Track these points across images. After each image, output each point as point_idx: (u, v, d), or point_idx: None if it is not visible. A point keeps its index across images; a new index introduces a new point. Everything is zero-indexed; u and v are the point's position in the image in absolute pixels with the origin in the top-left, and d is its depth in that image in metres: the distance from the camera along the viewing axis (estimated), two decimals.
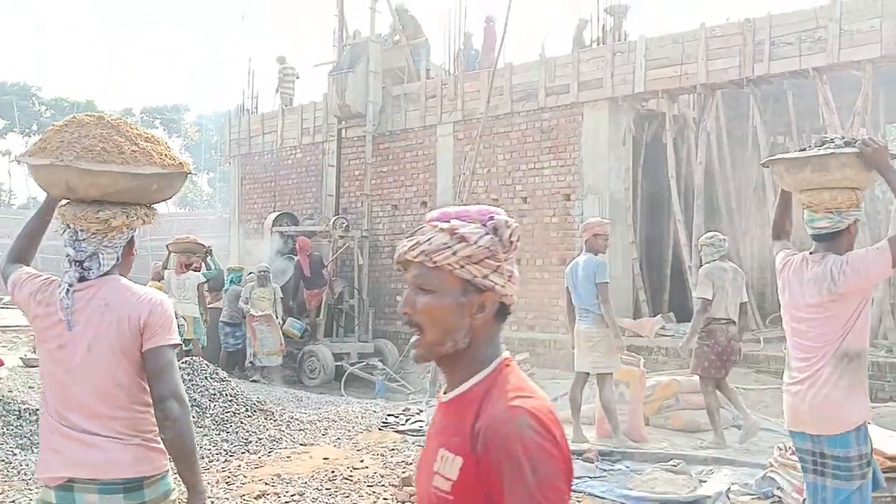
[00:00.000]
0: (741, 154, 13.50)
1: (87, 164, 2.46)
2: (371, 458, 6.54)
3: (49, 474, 2.48)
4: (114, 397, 2.49)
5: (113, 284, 2.55)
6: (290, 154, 16.77)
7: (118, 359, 2.48)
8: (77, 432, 2.46)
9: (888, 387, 9.05)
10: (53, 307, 2.51)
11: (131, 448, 2.49)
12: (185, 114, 54.51)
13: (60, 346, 2.51)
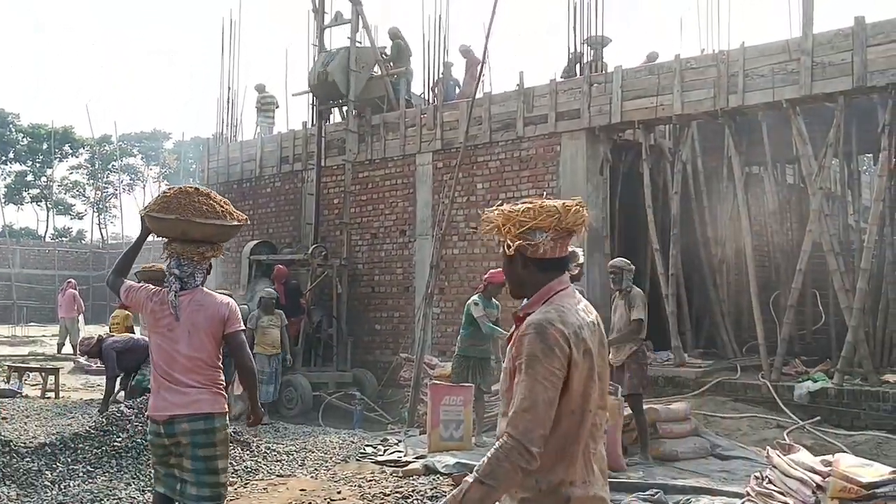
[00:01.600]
0: (717, 184, 13.65)
1: (201, 220, 4.11)
2: (349, 490, 6.49)
3: (158, 413, 4.07)
4: (201, 363, 4.10)
5: (202, 292, 4.23)
6: (269, 182, 16.75)
7: (207, 339, 4.13)
8: (177, 385, 4.06)
9: (863, 415, 9.11)
10: (165, 305, 4.13)
11: (210, 394, 4.11)
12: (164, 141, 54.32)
13: (170, 330, 4.11)
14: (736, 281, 13.97)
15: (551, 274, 2.63)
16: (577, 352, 2.47)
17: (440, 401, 8.17)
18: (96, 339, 10.38)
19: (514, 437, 2.39)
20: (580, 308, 2.61)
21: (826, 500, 4.50)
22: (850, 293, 9.89)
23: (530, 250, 2.57)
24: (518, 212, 2.58)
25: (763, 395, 9.88)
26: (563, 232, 2.61)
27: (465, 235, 13.23)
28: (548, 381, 2.40)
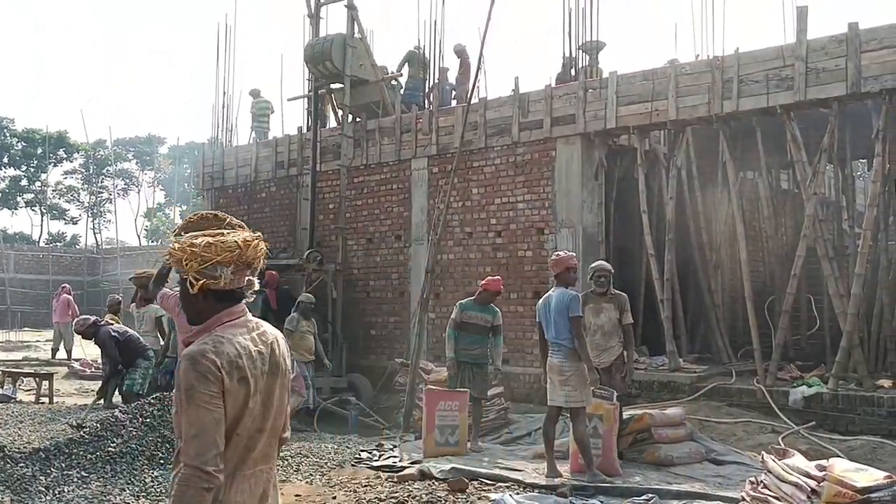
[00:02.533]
0: (711, 189, 13.68)
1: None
2: (344, 495, 6.48)
3: None
4: None
5: None
6: (265, 187, 16.75)
7: None
8: None
9: (858, 420, 9.12)
10: None
11: None
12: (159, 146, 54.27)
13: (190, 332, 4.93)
14: (731, 286, 13.99)
15: (226, 304, 2.73)
16: (231, 380, 2.58)
17: (435, 406, 8.16)
18: (92, 320, 10.27)
19: (188, 465, 2.51)
20: (247, 337, 2.70)
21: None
22: (844, 298, 9.91)
23: (212, 284, 2.67)
24: (200, 247, 2.67)
25: (758, 399, 9.89)
26: (243, 265, 2.72)
27: (460, 240, 13.24)
28: (209, 405, 2.53)
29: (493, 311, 9.04)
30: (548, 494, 6.38)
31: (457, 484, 6.59)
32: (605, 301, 8.03)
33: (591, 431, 7.19)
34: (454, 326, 8.91)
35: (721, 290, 13.29)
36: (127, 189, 54.72)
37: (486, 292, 8.95)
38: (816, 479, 4.64)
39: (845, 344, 9.69)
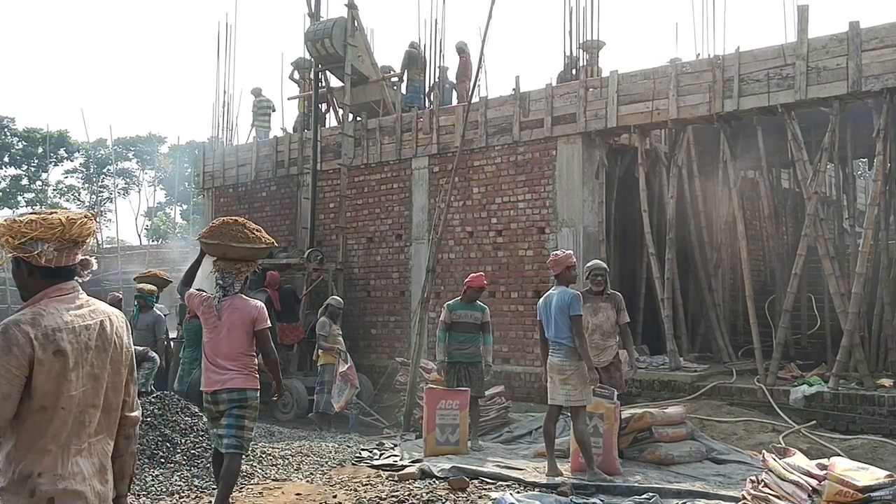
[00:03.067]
0: (712, 189, 13.68)
1: (236, 244, 5.62)
2: (344, 494, 6.47)
3: (207, 388, 5.64)
4: (238, 352, 5.61)
5: (240, 297, 5.74)
6: (265, 186, 16.74)
7: (241, 334, 5.62)
8: (219, 367, 5.59)
9: (859, 419, 9.12)
10: (211, 308, 5.69)
11: (243, 375, 5.61)
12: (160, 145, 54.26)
13: (215, 327, 5.65)
14: (731, 285, 14.00)
15: (55, 280, 2.78)
16: (45, 351, 2.61)
17: (436, 405, 8.16)
18: None
19: None
20: (74, 312, 2.75)
21: (822, 503, 4.51)
22: (845, 297, 9.91)
23: (34, 259, 2.71)
24: (21, 223, 2.72)
25: (759, 399, 9.89)
26: (69, 242, 2.76)
27: (461, 240, 13.24)
28: (2, 378, 2.55)
29: (481, 308, 9.02)
30: (548, 493, 6.37)
31: (457, 483, 6.59)
32: (601, 300, 8.03)
33: (592, 430, 7.19)
34: (444, 328, 8.92)
35: (722, 289, 13.29)
36: (127, 188, 54.73)
37: (471, 289, 8.95)
38: (817, 478, 4.64)
39: (846, 343, 9.69)
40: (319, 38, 14.43)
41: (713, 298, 12.92)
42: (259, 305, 5.75)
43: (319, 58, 14.76)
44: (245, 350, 5.64)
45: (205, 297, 5.81)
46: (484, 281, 9.18)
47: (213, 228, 5.76)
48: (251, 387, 5.64)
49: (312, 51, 14.79)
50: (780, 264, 13.59)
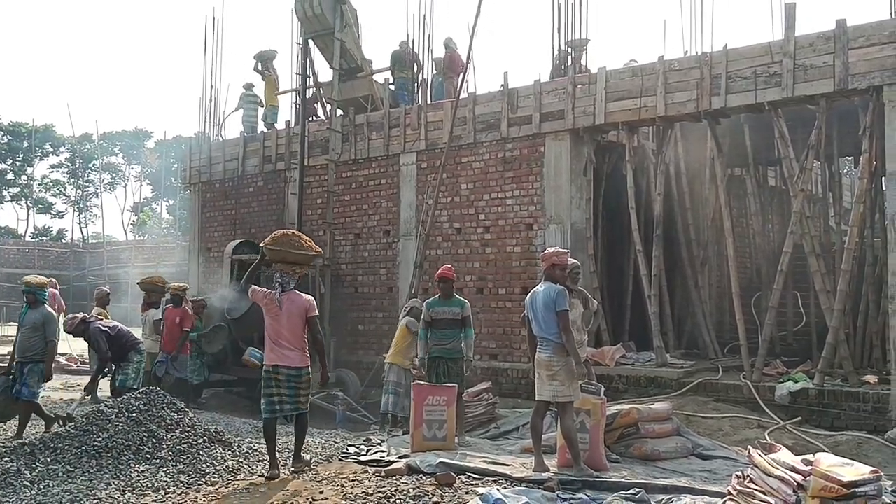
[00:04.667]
0: (699, 186, 13.72)
1: (294, 250, 7.14)
2: (331, 490, 6.46)
3: (270, 363, 7.03)
4: (294, 335, 7.04)
5: (294, 293, 7.18)
6: (252, 181, 16.69)
7: (298, 321, 7.06)
8: (280, 347, 7.02)
9: (843, 415, 9.19)
10: (273, 301, 7.07)
11: (299, 354, 7.06)
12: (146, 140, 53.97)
13: (277, 316, 7.05)
14: (718, 282, 14.06)
15: None
16: None
17: (423, 401, 8.15)
18: (80, 318, 10.12)
19: None
20: None
21: (807, 499, 4.53)
22: (830, 294, 9.96)
23: None
24: None
25: (744, 395, 9.94)
26: None
27: (449, 236, 13.23)
28: None
29: (460, 303, 9.01)
30: (535, 488, 6.37)
31: (444, 478, 6.59)
32: (572, 297, 8.04)
33: (579, 426, 7.19)
34: (424, 326, 8.94)
35: (708, 286, 13.35)
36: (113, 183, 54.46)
37: (441, 282, 8.95)
38: (802, 474, 4.66)
39: (831, 340, 9.75)
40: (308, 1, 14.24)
41: (700, 295, 12.97)
42: (311, 298, 7.30)
43: (305, 20, 14.48)
44: (300, 334, 7.14)
45: (267, 293, 7.23)
46: (450, 272, 9.17)
47: (276, 238, 7.22)
48: (305, 364, 7.15)
49: (299, 11, 14.57)
50: (766, 261, 13.66)
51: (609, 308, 12.79)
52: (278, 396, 7.06)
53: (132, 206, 54.80)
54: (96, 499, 6.07)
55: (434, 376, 8.76)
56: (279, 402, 7.07)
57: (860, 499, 4.47)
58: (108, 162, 53.34)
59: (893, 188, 9.30)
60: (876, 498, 4.52)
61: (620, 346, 11.96)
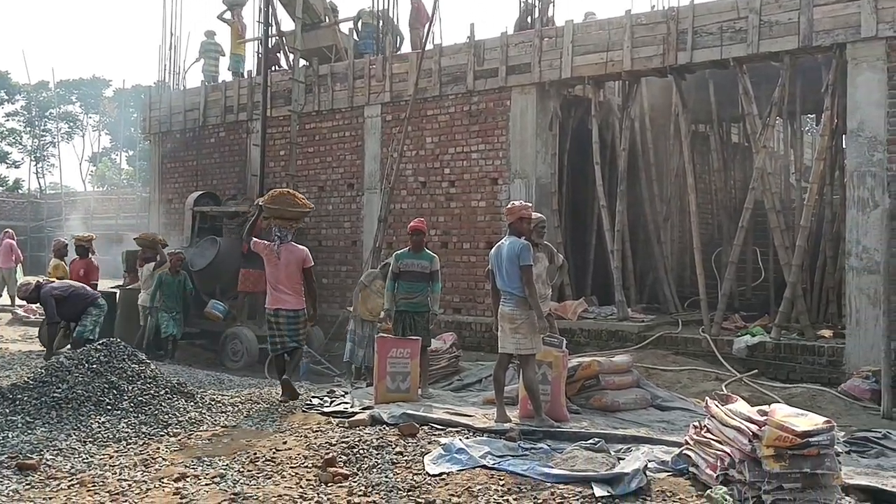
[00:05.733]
0: (664, 141, 13.78)
1: (291, 208, 8.35)
2: (295, 440, 6.47)
3: (270, 306, 8.26)
4: (292, 281, 8.23)
5: (292, 244, 8.33)
6: (213, 132, 16.41)
7: (295, 269, 8.24)
8: (279, 292, 8.21)
9: (799, 368, 9.40)
10: (273, 252, 8.21)
11: (296, 298, 8.26)
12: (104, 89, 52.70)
13: (276, 265, 8.20)
14: (680, 238, 14.21)
15: None
16: None
17: (387, 353, 8.17)
18: (34, 284, 10.18)
19: None
20: None
21: (762, 448, 4.62)
22: (789, 250, 10.12)
23: None
24: None
25: (703, 348, 10.11)
26: None
27: (413, 190, 13.16)
28: None
29: (429, 257, 8.99)
30: (497, 439, 6.45)
31: (407, 429, 6.63)
32: (538, 251, 8.06)
33: (541, 378, 7.27)
34: (391, 277, 8.93)
35: (670, 241, 13.49)
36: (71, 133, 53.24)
37: (412, 234, 8.93)
38: (758, 424, 4.76)
39: (789, 294, 9.92)
40: None
41: (662, 250, 13.11)
42: (306, 250, 8.45)
43: None
44: (296, 280, 8.26)
45: (267, 244, 8.31)
46: (423, 224, 9.16)
47: (273, 197, 8.45)
48: (301, 307, 8.32)
49: None
50: (727, 218, 13.81)
51: (572, 263, 12.87)
52: (279, 336, 8.28)
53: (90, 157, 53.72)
54: (57, 449, 6.02)
55: (400, 330, 8.78)
56: (281, 340, 8.28)
57: (814, 448, 4.57)
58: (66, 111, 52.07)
59: (853, 145, 9.41)
60: (829, 447, 4.63)
61: (583, 300, 12.08)
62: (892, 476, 5.55)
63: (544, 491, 5.07)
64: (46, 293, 10.04)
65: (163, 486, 5.25)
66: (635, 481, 5.07)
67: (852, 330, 9.17)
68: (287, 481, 5.39)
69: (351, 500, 4.99)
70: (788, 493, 4.53)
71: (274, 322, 8.27)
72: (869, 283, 9.02)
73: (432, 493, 5.09)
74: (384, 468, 5.67)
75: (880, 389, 8.11)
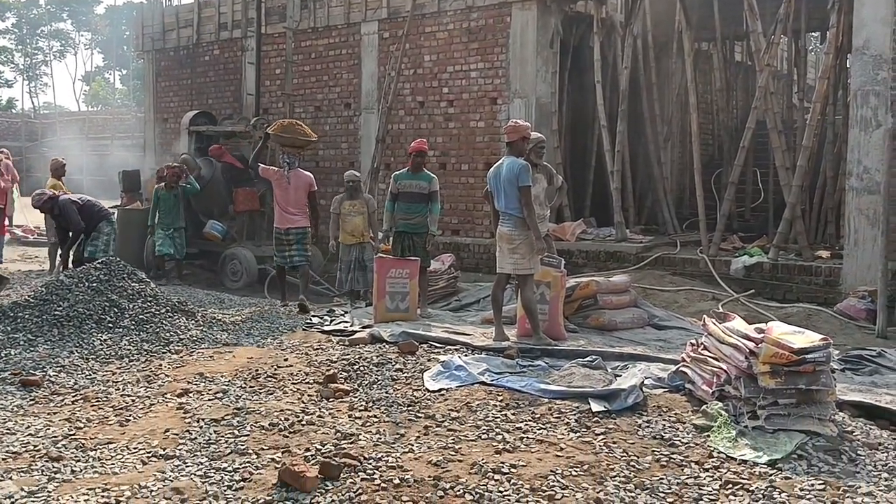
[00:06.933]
0: (666, 61, 13.55)
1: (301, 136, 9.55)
2: (295, 357, 6.55)
3: (280, 225, 9.40)
4: (299, 203, 9.36)
5: (299, 170, 9.48)
6: (208, 50, 16.11)
7: (302, 193, 9.37)
8: (288, 213, 9.33)
9: (796, 288, 9.44)
10: (283, 177, 9.33)
11: (304, 217, 9.42)
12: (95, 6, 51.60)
13: (286, 188, 9.31)
14: (680, 158, 14.11)
15: None
16: None
17: (386, 273, 8.20)
18: (49, 194, 10.03)
19: None
20: None
21: (758, 365, 4.67)
22: (790, 171, 10.06)
23: None
24: None
25: (701, 269, 10.15)
26: None
27: (411, 109, 13.00)
28: None
29: (427, 177, 8.93)
30: (495, 356, 6.52)
31: (407, 347, 6.70)
32: (536, 171, 7.99)
33: (539, 298, 7.31)
34: (390, 198, 8.88)
35: (670, 162, 13.40)
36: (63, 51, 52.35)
37: (414, 155, 8.85)
38: (755, 341, 4.79)
39: (788, 215, 9.91)
40: None
41: (661, 172, 13.02)
42: (312, 176, 9.53)
43: None
44: (304, 203, 9.32)
45: (277, 170, 9.38)
46: (425, 145, 9.09)
47: (283, 126, 9.48)
48: (307, 225, 9.40)
49: None
50: (728, 138, 13.69)
51: (571, 184, 12.80)
52: (288, 252, 9.37)
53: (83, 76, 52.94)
54: (59, 366, 6.09)
55: (399, 251, 8.79)
56: (289, 255, 9.39)
57: (809, 365, 4.62)
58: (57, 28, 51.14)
59: (858, 64, 9.25)
60: (824, 364, 4.68)
61: (581, 221, 12.06)
62: (886, 393, 5.64)
63: (541, 406, 5.15)
64: (66, 202, 9.84)
65: (166, 402, 5.33)
66: (632, 397, 5.14)
67: (850, 250, 9.18)
68: (289, 396, 5.46)
69: (352, 415, 5.07)
70: (783, 409, 4.60)
71: (284, 240, 9.32)
72: (868, 204, 8.99)
73: (432, 408, 5.17)
74: (384, 384, 5.74)
75: (876, 309, 8.17)
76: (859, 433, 4.71)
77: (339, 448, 4.39)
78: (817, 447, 4.38)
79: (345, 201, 9.91)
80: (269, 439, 4.60)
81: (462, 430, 4.76)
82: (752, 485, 3.94)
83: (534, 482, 3.94)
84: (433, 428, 4.80)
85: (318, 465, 4.03)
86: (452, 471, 4.08)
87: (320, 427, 4.81)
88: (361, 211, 9.82)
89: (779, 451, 4.33)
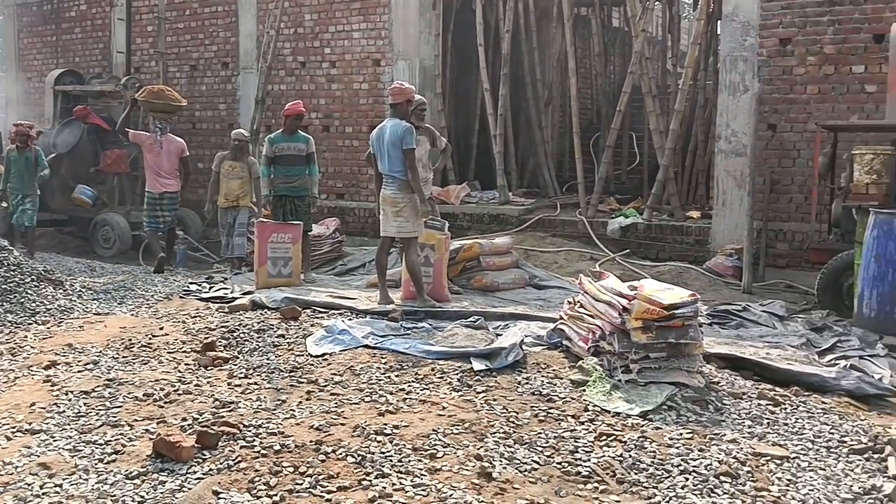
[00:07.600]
0: (546, 25, 13.70)
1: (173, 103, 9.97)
2: (172, 326, 6.35)
3: (155, 189, 9.51)
4: (171, 168, 9.62)
5: (170, 135, 9.74)
6: (73, 5, 15.22)
7: (174, 158, 9.64)
8: (162, 177, 9.51)
9: (668, 248, 9.82)
10: (155, 142, 9.54)
11: (176, 182, 9.68)
12: None
13: (157, 154, 9.50)
14: (560, 123, 14.35)
15: None
16: None
17: (267, 238, 8.03)
18: None
19: None
20: None
21: (631, 321, 4.84)
22: (663, 134, 10.39)
23: None
24: None
25: (580, 230, 10.41)
26: None
27: (292, 70, 12.70)
28: None
29: (304, 139, 8.77)
30: (380, 319, 6.52)
31: (290, 312, 6.60)
32: (419, 134, 7.97)
33: (423, 260, 7.33)
34: (266, 162, 8.64)
35: (551, 126, 13.60)
36: None
37: (289, 118, 8.67)
38: (628, 298, 4.96)
39: (661, 177, 10.25)
40: None
41: (543, 135, 13.22)
42: (183, 142, 9.78)
43: None
44: (176, 167, 9.56)
45: (149, 135, 9.60)
46: (301, 108, 8.91)
47: (152, 93, 9.79)
48: (178, 189, 9.66)
49: None
50: (606, 102, 14.01)
51: (456, 148, 12.84)
52: (161, 215, 9.50)
53: None
54: None
55: (281, 215, 8.61)
56: (162, 219, 9.52)
57: (678, 320, 4.82)
58: None
59: (727, 30, 9.60)
60: (692, 319, 4.89)
61: (465, 185, 12.14)
62: (750, 345, 5.97)
63: (425, 367, 5.18)
64: None
65: (32, 374, 5.07)
66: (512, 355, 5.24)
67: (718, 210, 9.60)
68: (164, 366, 5.30)
69: (231, 383, 4.96)
70: (654, 362, 4.78)
71: (158, 204, 9.46)
72: (736, 166, 9.40)
73: (315, 373, 5.12)
74: (265, 351, 5.65)
75: (742, 266, 8.62)
76: (725, 384, 4.96)
77: (217, 417, 4.29)
78: (686, 398, 4.59)
79: (226, 160, 9.38)
80: (144, 410, 4.45)
81: (345, 393, 4.74)
82: (625, 436, 4.09)
83: (416, 441, 3.97)
84: (316, 393, 4.76)
85: (194, 435, 3.93)
86: (335, 434, 4.06)
87: (198, 396, 4.69)
88: (241, 175, 9.34)
89: (650, 403, 4.51)
